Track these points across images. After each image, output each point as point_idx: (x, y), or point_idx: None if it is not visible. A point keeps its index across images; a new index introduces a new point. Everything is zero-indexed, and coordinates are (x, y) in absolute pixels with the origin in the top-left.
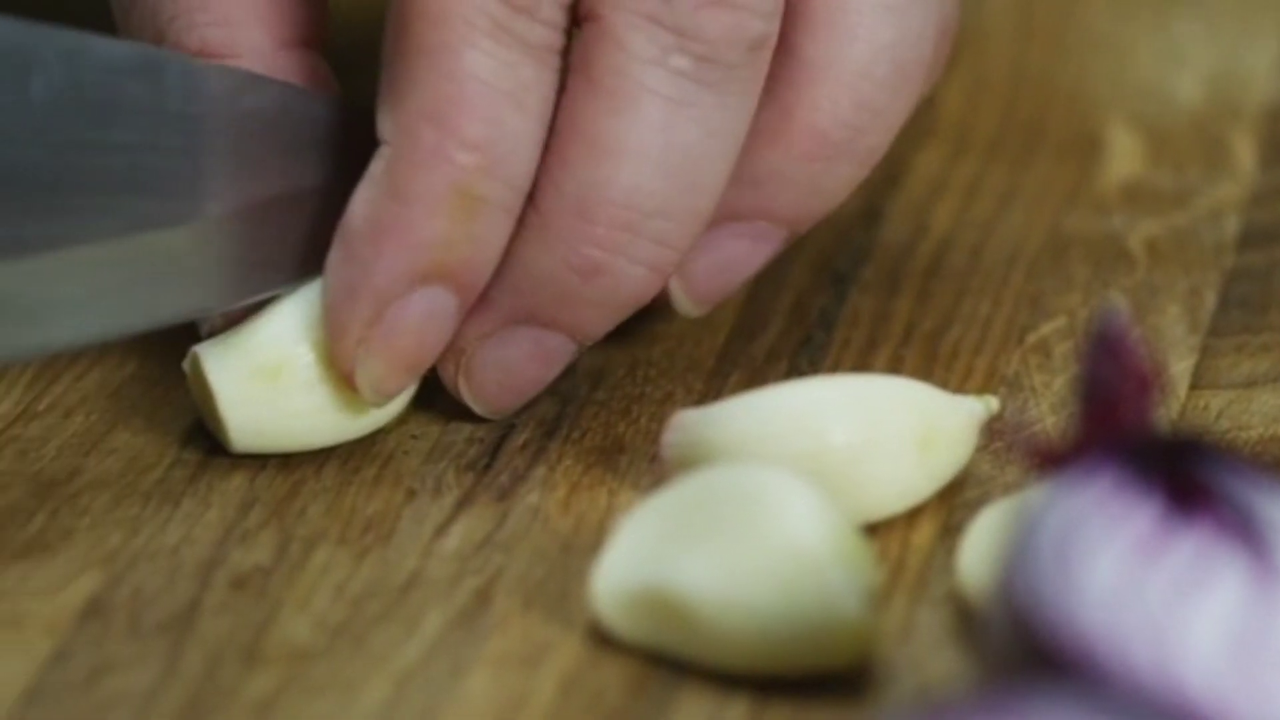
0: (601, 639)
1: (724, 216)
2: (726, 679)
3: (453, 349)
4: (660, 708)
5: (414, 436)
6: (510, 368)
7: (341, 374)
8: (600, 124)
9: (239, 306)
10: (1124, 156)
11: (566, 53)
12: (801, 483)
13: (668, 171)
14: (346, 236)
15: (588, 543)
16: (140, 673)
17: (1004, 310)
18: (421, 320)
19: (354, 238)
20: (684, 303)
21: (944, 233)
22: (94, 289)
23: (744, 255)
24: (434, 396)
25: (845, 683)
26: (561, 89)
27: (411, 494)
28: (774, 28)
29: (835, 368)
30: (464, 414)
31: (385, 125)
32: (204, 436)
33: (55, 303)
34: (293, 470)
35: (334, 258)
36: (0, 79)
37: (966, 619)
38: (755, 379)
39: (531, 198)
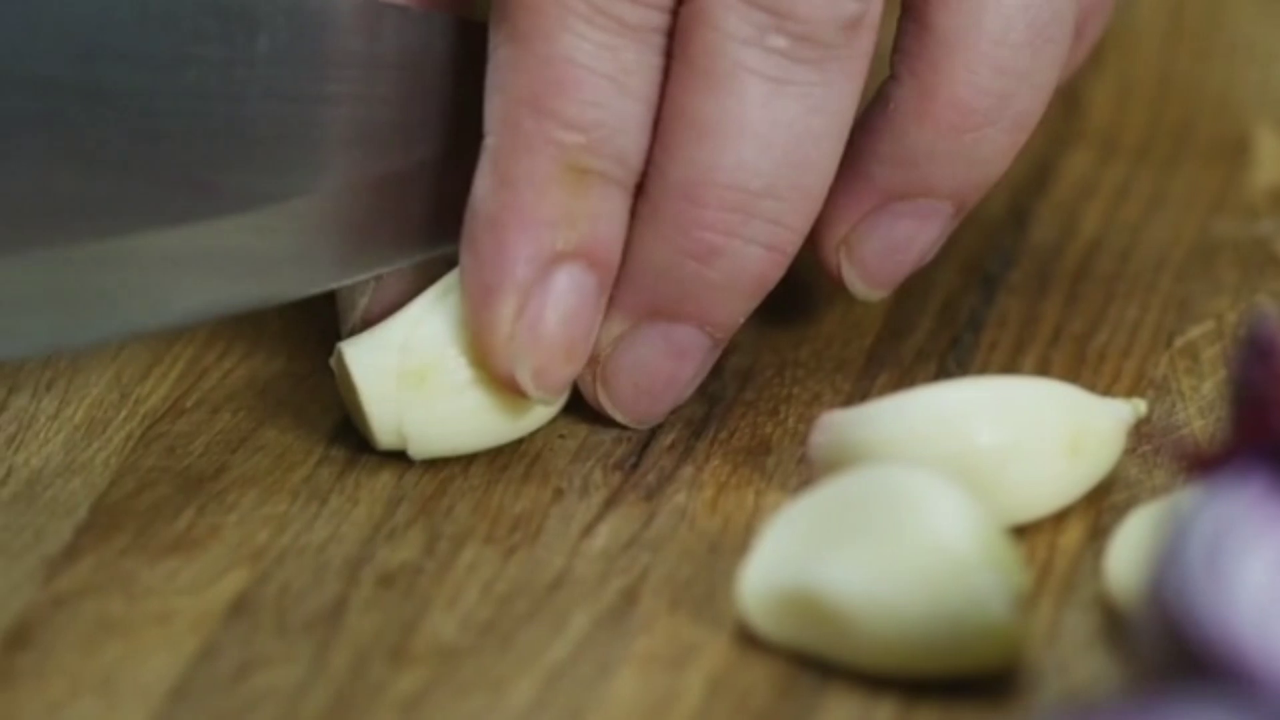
0: (748, 639)
1: (886, 197)
2: (873, 680)
3: (589, 360)
4: (807, 709)
5: (561, 436)
6: (645, 368)
7: (501, 377)
8: (700, 105)
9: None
10: (1272, 160)
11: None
12: (949, 484)
13: (772, 150)
14: (469, 236)
15: (735, 543)
16: (287, 670)
17: (1152, 313)
18: (563, 302)
19: (476, 235)
20: (860, 288)
21: (1092, 235)
22: (307, 242)
23: (912, 234)
24: (582, 397)
25: (992, 685)
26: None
27: (559, 493)
28: (870, 7)
29: (983, 369)
30: None
31: (489, 115)
32: (351, 434)
33: (275, 257)
34: (440, 468)
35: (464, 262)
36: (230, 37)
37: (1114, 623)
38: (903, 380)
39: (641, 187)
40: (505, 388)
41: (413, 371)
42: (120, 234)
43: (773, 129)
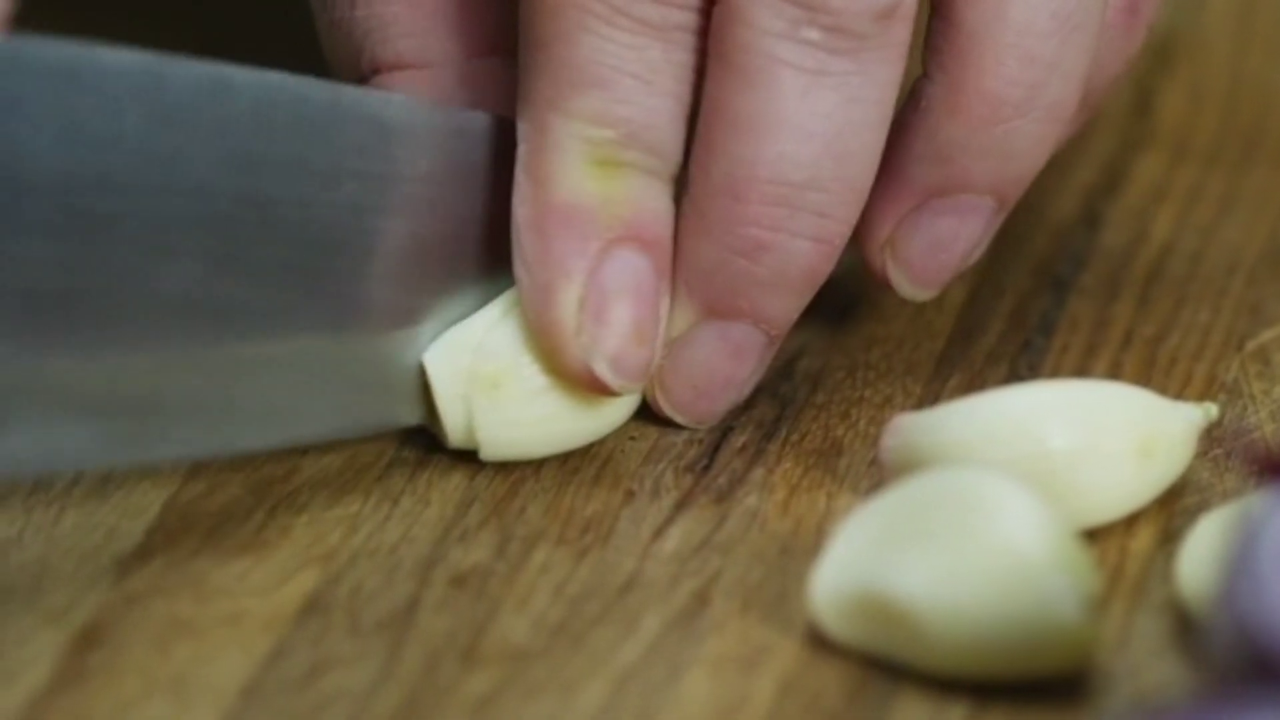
0: (819, 642)
1: (925, 195)
2: (944, 683)
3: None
4: (878, 712)
5: (632, 438)
6: (702, 368)
7: (578, 373)
8: (737, 101)
9: None
10: None
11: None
12: (1021, 488)
13: (813, 141)
14: (517, 247)
15: (806, 545)
16: (358, 671)
17: (1223, 317)
18: (623, 285)
19: (523, 243)
20: (906, 288)
21: (1163, 239)
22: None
23: (954, 231)
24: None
25: (1063, 689)
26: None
27: (630, 495)
28: None
29: (1054, 373)
30: None
31: (519, 125)
32: (423, 435)
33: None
34: (512, 470)
35: (517, 272)
36: (389, 154)
37: (1185, 626)
38: (974, 383)
39: (685, 188)
40: (585, 385)
41: (486, 376)
42: (272, 339)
43: (811, 120)
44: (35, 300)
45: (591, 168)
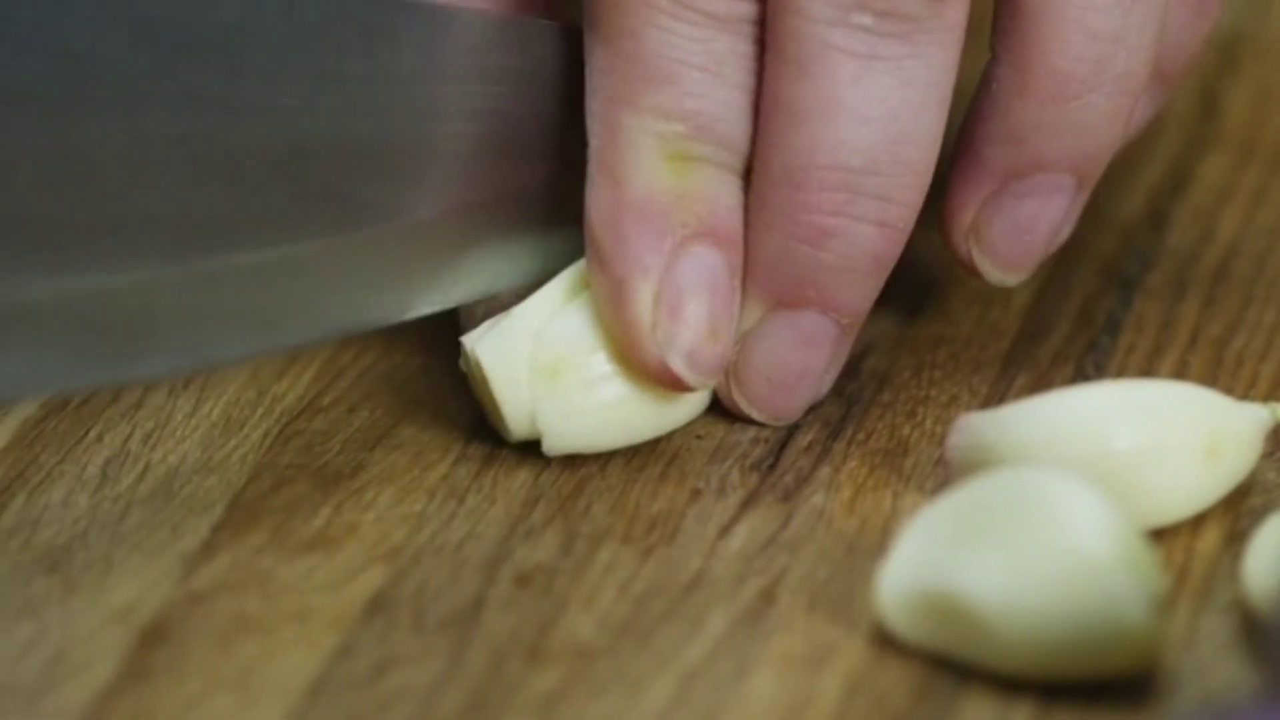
0: (885, 640)
1: (1004, 178)
2: (1010, 683)
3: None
4: (944, 710)
5: (699, 436)
6: (776, 360)
7: (653, 369)
8: (794, 91)
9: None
10: None
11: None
12: (1087, 487)
13: (870, 126)
14: (591, 242)
15: (872, 544)
16: (424, 668)
17: None
18: (697, 282)
19: (598, 240)
20: (995, 274)
21: (1230, 239)
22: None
23: (1036, 212)
24: (717, 399)
25: (1129, 689)
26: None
27: (696, 493)
28: None
29: (1121, 372)
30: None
31: (589, 120)
32: (488, 432)
33: (410, 271)
34: (577, 468)
35: (592, 267)
36: (373, 53)
37: (1251, 627)
38: (1040, 383)
39: (748, 180)
40: (661, 382)
41: (546, 365)
42: (261, 248)
43: (867, 105)
44: (19, 221)
45: (665, 163)
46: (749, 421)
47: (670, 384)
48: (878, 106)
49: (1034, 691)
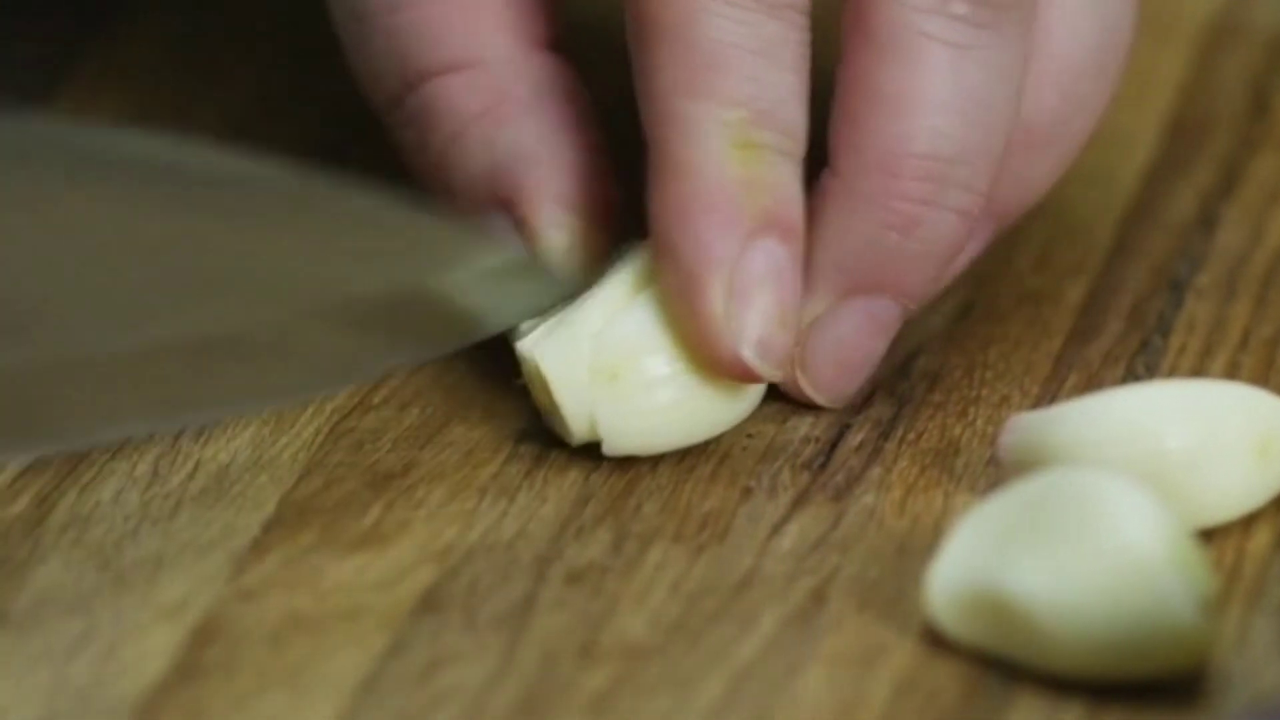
0: (936, 640)
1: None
2: (1061, 683)
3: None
4: (995, 711)
5: (749, 435)
6: (846, 344)
7: (725, 359)
8: (889, 78)
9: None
10: None
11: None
12: (1137, 488)
13: (963, 116)
14: (661, 239)
15: (923, 544)
16: (475, 667)
17: None
18: (768, 272)
19: (668, 234)
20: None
21: None
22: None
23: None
24: (770, 395)
25: (1180, 690)
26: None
27: (747, 493)
28: None
29: (1172, 373)
30: (800, 413)
31: (645, 119)
32: (540, 431)
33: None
34: (628, 467)
35: (663, 261)
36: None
37: None
38: (1091, 383)
39: (834, 150)
40: (732, 373)
41: (606, 368)
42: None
43: (959, 95)
44: None
45: (732, 151)
46: (808, 406)
47: (741, 375)
48: (970, 99)
49: (1084, 692)
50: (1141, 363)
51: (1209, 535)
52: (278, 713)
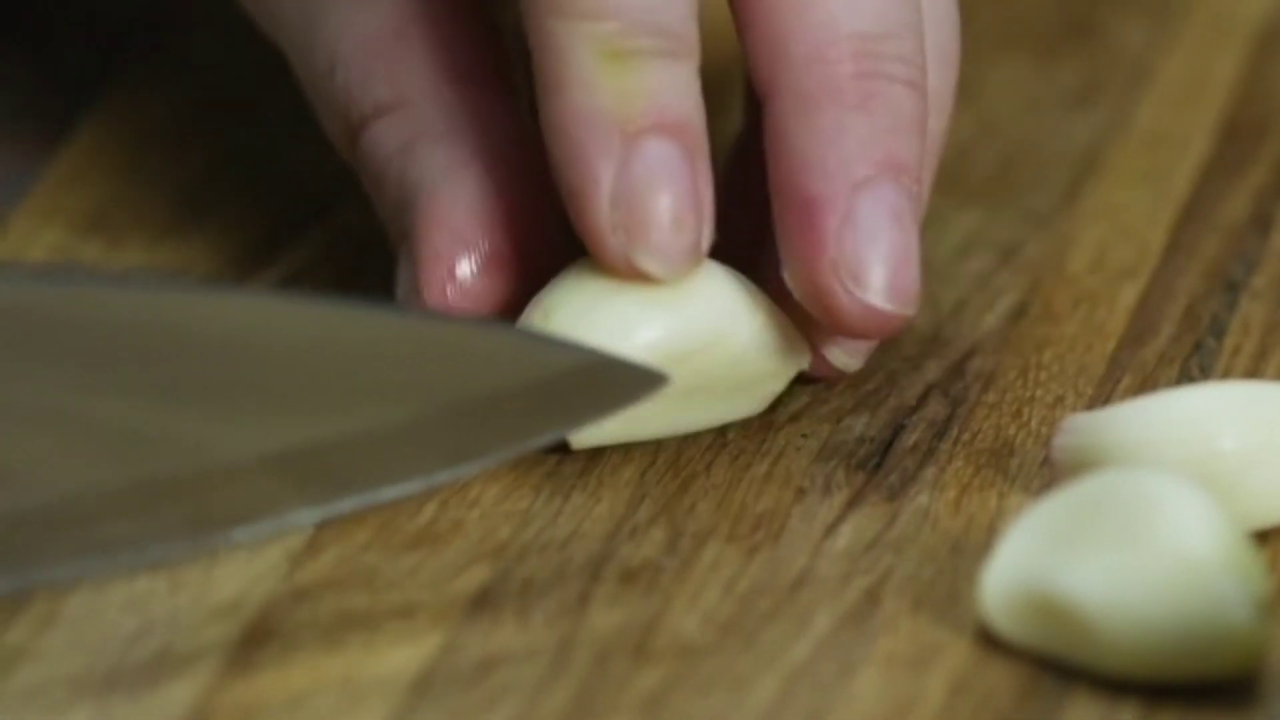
0: (990, 641)
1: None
2: (1115, 684)
3: (824, 265)
4: (1049, 712)
5: (804, 435)
6: (879, 241)
7: (622, 272)
8: None
9: None
10: None
11: None
12: (1192, 489)
13: None
14: (549, 160)
15: (977, 544)
16: (529, 666)
17: None
18: (653, 177)
19: (551, 155)
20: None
21: None
22: None
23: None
24: (826, 394)
25: (1234, 691)
26: None
27: (801, 493)
28: None
29: (1226, 374)
30: (855, 413)
31: (528, 40)
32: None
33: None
34: (682, 466)
35: (558, 177)
36: None
37: None
38: (1146, 384)
39: (762, 80)
40: (632, 279)
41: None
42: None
43: None
44: None
45: (602, 63)
46: (855, 419)
47: (642, 280)
48: None
49: (1139, 693)
50: (1196, 364)
51: (1264, 537)
52: (331, 711)
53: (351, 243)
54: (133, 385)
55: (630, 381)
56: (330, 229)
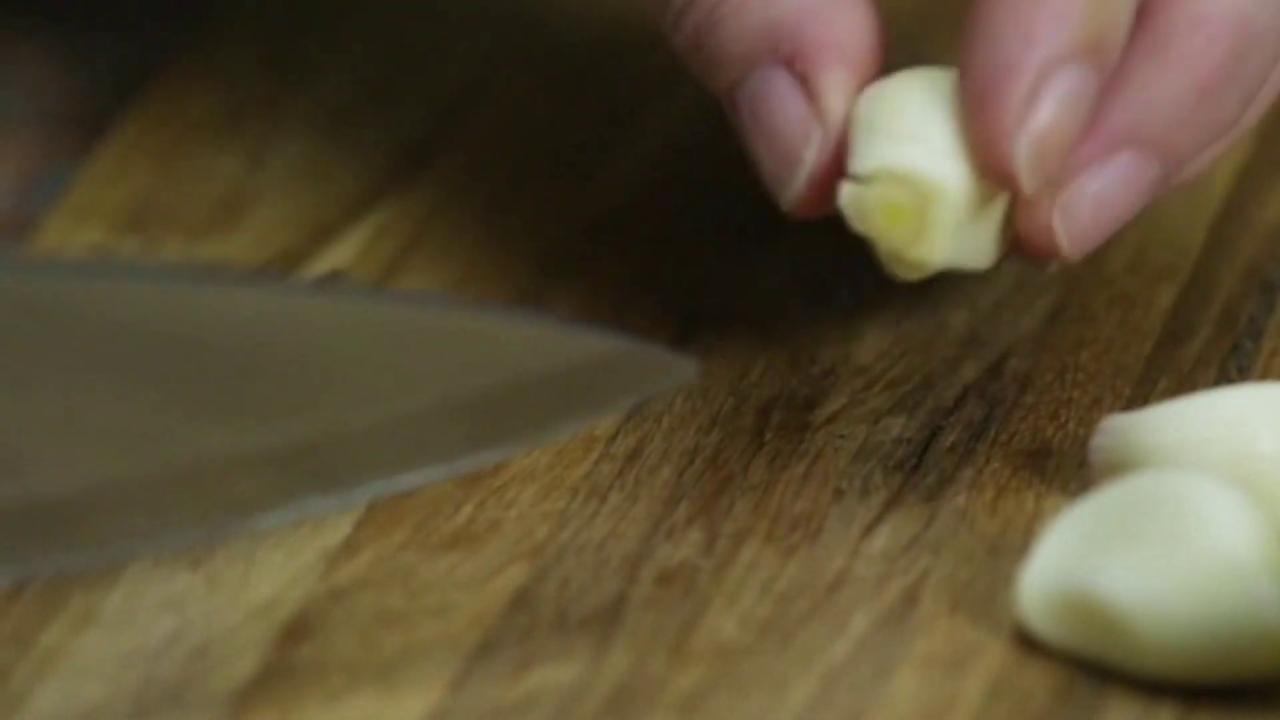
0: (1028, 642)
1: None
2: (1153, 685)
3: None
4: (1087, 713)
5: (841, 436)
6: (1108, 198)
7: (1001, 163)
8: None
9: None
10: None
11: None
12: (1230, 490)
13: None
14: (984, 20)
15: (1015, 545)
16: (566, 666)
17: None
18: (1068, 97)
19: (995, 17)
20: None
21: None
22: None
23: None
24: (864, 395)
25: (1272, 693)
26: None
27: (839, 493)
28: None
29: (1264, 376)
30: (893, 413)
31: None
32: (631, 430)
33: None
34: (720, 466)
35: (975, 47)
36: None
37: None
38: (1183, 385)
39: (1146, 18)
40: (993, 167)
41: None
42: None
43: None
44: None
45: None
46: (892, 419)
47: (1002, 176)
48: None
49: (1176, 694)
50: (1234, 365)
51: None
52: (368, 711)
53: (390, 242)
54: (155, 375)
55: (656, 370)
56: (368, 228)
